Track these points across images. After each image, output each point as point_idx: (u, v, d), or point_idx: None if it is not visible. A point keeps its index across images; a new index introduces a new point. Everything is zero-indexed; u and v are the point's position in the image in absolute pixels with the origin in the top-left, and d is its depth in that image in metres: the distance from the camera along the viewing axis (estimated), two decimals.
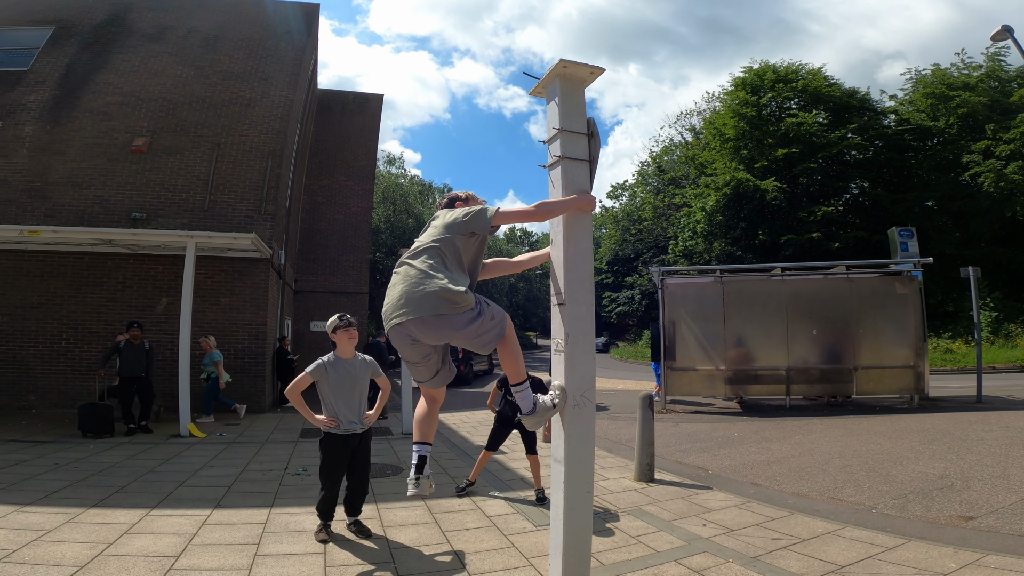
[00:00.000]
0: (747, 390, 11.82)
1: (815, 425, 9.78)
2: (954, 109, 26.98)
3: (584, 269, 2.80)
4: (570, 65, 2.89)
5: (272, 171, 12.67)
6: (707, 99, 42.64)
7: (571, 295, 2.74)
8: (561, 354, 2.78)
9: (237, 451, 7.86)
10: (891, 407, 11.26)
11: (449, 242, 2.74)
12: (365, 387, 4.48)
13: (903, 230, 13.68)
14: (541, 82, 3.09)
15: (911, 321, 11.23)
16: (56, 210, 11.73)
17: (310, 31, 15.70)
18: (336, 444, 4.32)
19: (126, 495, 5.50)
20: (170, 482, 6.03)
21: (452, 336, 2.69)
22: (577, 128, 2.93)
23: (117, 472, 6.43)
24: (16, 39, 13.91)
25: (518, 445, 8.54)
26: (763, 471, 6.86)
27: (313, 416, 4.27)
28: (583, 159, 2.89)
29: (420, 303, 2.59)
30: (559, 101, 2.93)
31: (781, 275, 11.91)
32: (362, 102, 21.84)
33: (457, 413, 12.42)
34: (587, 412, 2.78)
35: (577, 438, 2.77)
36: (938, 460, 6.98)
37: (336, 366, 4.31)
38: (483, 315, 2.64)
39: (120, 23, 14.27)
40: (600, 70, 2.96)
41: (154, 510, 5.01)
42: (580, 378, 2.74)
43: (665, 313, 11.86)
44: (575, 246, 2.79)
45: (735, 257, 29.14)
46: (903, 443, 8.09)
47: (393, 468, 7.00)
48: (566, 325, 2.75)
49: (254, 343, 11.64)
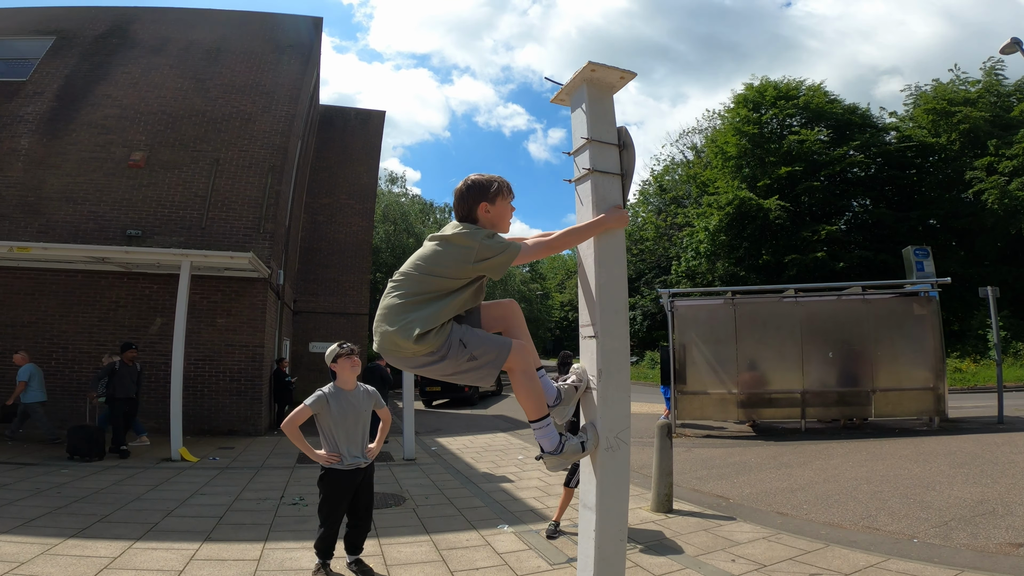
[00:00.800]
0: (760, 414, 11.55)
1: (835, 449, 9.46)
2: (956, 125, 26.81)
3: (619, 297, 2.48)
4: (598, 69, 2.60)
5: (272, 188, 12.42)
6: (708, 116, 42.73)
7: (605, 327, 2.42)
8: (593, 392, 2.46)
9: (230, 477, 7.50)
10: (910, 429, 10.97)
11: (433, 278, 2.26)
12: (368, 419, 4.15)
13: (918, 249, 13.42)
14: (565, 88, 2.80)
15: (930, 342, 11.01)
16: (49, 226, 11.45)
17: (313, 45, 15.57)
18: (339, 480, 3.98)
19: (109, 525, 5.14)
20: (157, 511, 5.66)
21: (424, 371, 2.32)
22: (607, 138, 2.63)
23: (101, 499, 6.07)
24: (17, 49, 13.79)
25: (525, 472, 8.23)
26: (787, 499, 6.51)
27: (313, 452, 3.93)
28: (615, 172, 2.60)
29: (380, 342, 2.28)
30: (587, 108, 2.64)
31: (795, 297, 11.72)
32: (364, 118, 21.74)
33: (460, 437, 12.04)
34: (621, 455, 2.46)
35: (610, 483, 2.44)
36: (972, 484, 6.66)
37: (338, 397, 3.98)
38: (449, 358, 2.24)
39: (122, 34, 14.15)
40: (631, 74, 2.68)
41: (138, 542, 4.66)
42: (615, 418, 2.41)
43: (675, 336, 11.59)
44: (608, 272, 2.47)
45: (739, 278, 28.86)
46: (932, 467, 7.77)
47: (395, 498, 6.61)
48: (599, 360, 2.42)
49: (251, 365, 11.28)
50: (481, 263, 2.25)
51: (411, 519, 5.74)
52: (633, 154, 2.61)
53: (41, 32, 13.98)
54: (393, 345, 2.24)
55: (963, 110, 26.45)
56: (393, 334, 2.22)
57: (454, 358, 2.23)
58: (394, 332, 2.22)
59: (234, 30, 14.69)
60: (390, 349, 2.26)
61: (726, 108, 33.54)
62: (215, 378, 11.14)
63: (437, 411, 19.19)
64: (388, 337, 2.23)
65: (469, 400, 20.75)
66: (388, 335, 2.23)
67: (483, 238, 2.27)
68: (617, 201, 2.58)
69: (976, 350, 22.73)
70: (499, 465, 8.87)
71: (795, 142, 28.79)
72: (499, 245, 2.28)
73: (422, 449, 10.14)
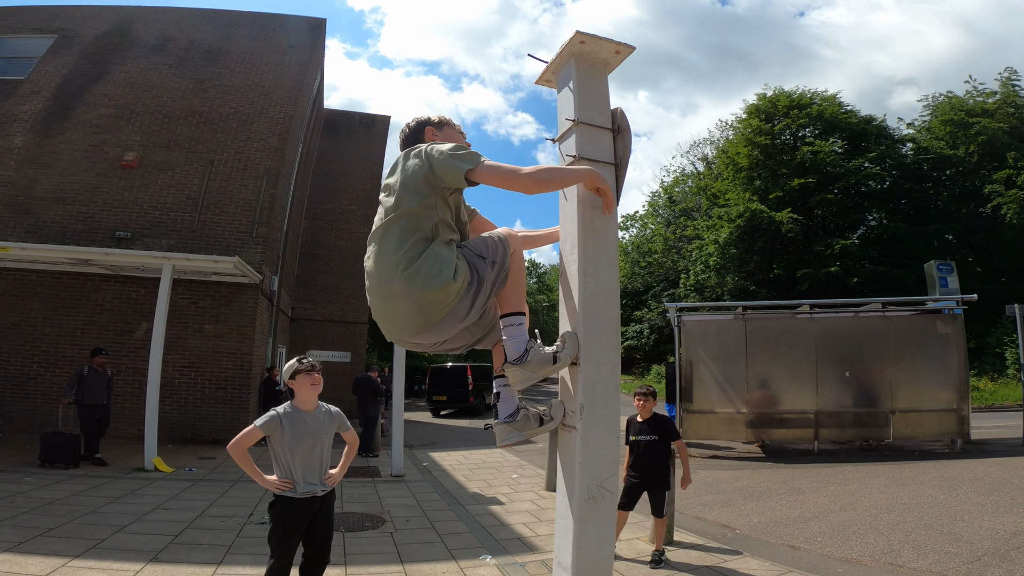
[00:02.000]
0: (771, 434, 11.02)
1: (851, 473, 8.88)
2: (974, 136, 26.14)
3: (607, 316, 2.01)
4: (588, 40, 2.16)
5: (267, 191, 12.08)
6: (720, 127, 42.22)
7: (588, 351, 1.96)
8: (572, 431, 1.99)
9: (201, 490, 7.07)
10: (931, 452, 10.43)
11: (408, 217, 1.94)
12: (328, 443, 3.67)
13: (941, 264, 12.87)
14: (550, 66, 2.36)
15: (954, 362, 10.50)
16: (38, 226, 11.15)
17: (315, 46, 15.30)
18: (291, 509, 3.50)
19: (49, 539, 4.74)
20: (109, 526, 5.24)
21: (456, 324, 1.95)
22: (598, 121, 2.18)
23: (54, 510, 5.67)
24: (17, 47, 13.65)
25: (517, 494, 7.72)
26: (800, 530, 5.98)
27: (262, 477, 3.47)
28: (607, 161, 2.14)
29: (401, 321, 1.90)
30: (574, 87, 2.20)
31: (810, 313, 11.21)
32: (368, 123, 21.47)
33: (454, 452, 11.56)
34: (606, 507, 1.99)
35: (591, 541, 1.98)
36: (1004, 514, 6.12)
37: (293, 418, 3.51)
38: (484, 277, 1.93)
39: (123, 33, 13.95)
40: (628, 48, 2.23)
41: (75, 560, 4.26)
42: (597, 463, 1.96)
43: (682, 352, 11.09)
44: (595, 283, 2.01)
45: (749, 292, 28.23)
46: (958, 494, 7.20)
47: (374, 519, 6.12)
48: (579, 392, 1.96)
49: (238, 373, 10.87)
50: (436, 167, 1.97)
51: (386, 545, 5.28)
52: (629, 139, 2.14)
53: (43, 30, 13.82)
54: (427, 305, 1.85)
55: (981, 121, 25.82)
56: (419, 294, 1.84)
57: (485, 273, 1.95)
58: (419, 291, 1.84)
59: (235, 30, 14.45)
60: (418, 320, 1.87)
61: (738, 118, 33.08)
62: (200, 385, 10.75)
63: (433, 423, 18.81)
64: (415, 301, 1.85)
65: (473, 410, 21.05)
66: (416, 296, 1.85)
67: (428, 147, 2.04)
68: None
69: (994, 368, 22.06)
70: (491, 484, 8.41)
71: (808, 153, 28.25)
72: (447, 145, 2.03)
73: (412, 464, 9.69)
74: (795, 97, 30.01)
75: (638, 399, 5.15)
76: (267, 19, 15.04)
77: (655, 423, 5.11)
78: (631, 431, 5.13)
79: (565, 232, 2.15)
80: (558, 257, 2.20)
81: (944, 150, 27.39)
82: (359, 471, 8.78)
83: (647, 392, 5.18)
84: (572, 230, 2.09)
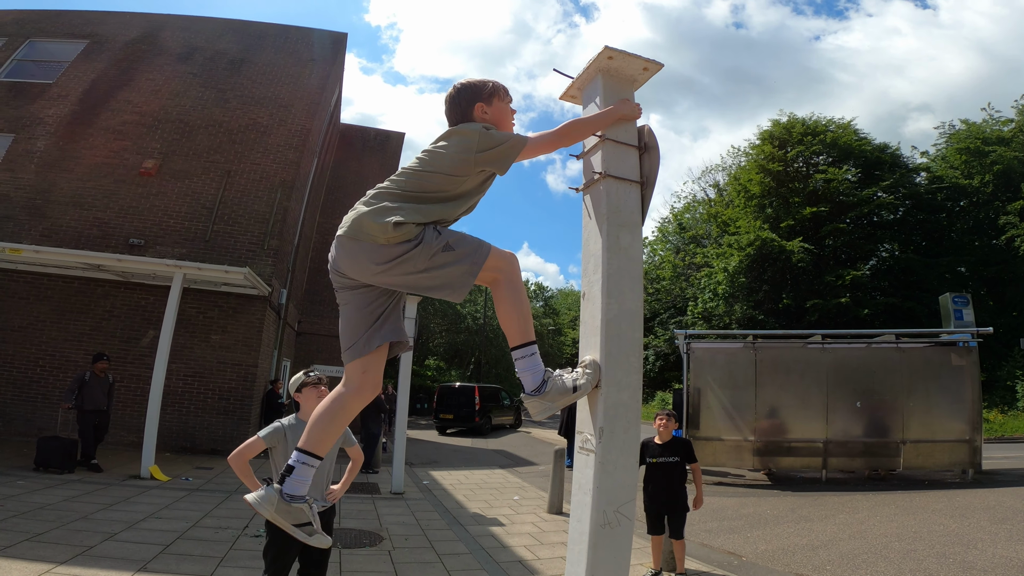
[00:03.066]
0: (778, 462, 10.91)
1: (860, 502, 8.69)
2: (989, 166, 25.78)
3: (630, 338, 1.94)
4: (616, 56, 2.13)
5: (280, 203, 12.13)
6: (733, 154, 42.25)
7: (610, 374, 1.88)
8: (590, 455, 1.91)
9: (197, 500, 6.94)
10: (941, 481, 10.24)
11: (431, 174, 1.94)
12: (332, 458, 3.57)
13: (957, 297, 12.75)
14: (576, 81, 2.33)
15: (968, 394, 10.37)
16: (53, 230, 11.24)
17: (335, 61, 15.49)
18: None
19: (36, 544, 4.63)
20: (99, 533, 5.12)
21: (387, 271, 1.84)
22: (625, 138, 2.13)
23: (44, 515, 5.56)
24: (49, 51, 13.92)
25: (518, 516, 7.54)
26: (808, 558, 5.81)
27: None
28: (633, 180, 2.09)
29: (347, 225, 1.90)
30: (601, 103, 2.16)
31: (822, 343, 11.15)
32: (383, 139, 21.65)
33: (456, 471, 11.39)
34: (622, 534, 1.90)
35: (606, 569, 1.88)
36: (1018, 542, 6.00)
37: (297, 431, 3.40)
38: (423, 244, 1.82)
39: (152, 40, 14.21)
40: (657, 65, 2.20)
41: (60, 567, 4.15)
42: (616, 488, 1.88)
43: (690, 379, 11.02)
44: (619, 305, 1.94)
45: (757, 321, 27.95)
46: (970, 523, 7.03)
47: (372, 536, 5.99)
48: (598, 416, 1.88)
49: (241, 384, 10.80)
50: (485, 153, 1.95)
51: (383, 563, 5.14)
52: (657, 157, 2.09)
53: (75, 35, 14.09)
54: (359, 229, 1.84)
55: (997, 150, 25.47)
56: (366, 215, 1.85)
57: (428, 245, 1.84)
58: (368, 213, 1.85)
59: (259, 41, 14.68)
60: (354, 234, 1.85)
61: (751, 144, 32.92)
62: (203, 395, 10.68)
63: (436, 441, 18.61)
64: (358, 221, 1.86)
65: (479, 430, 21.17)
66: (359, 218, 1.86)
67: (483, 128, 2.00)
68: (635, 216, 2.07)
69: (1004, 401, 21.85)
70: (492, 505, 8.25)
71: (821, 181, 28.07)
72: (502, 134, 2.02)
73: (412, 482, 9.54)
74: (809, 124, 29.88)
75: (661, 419, 5.14)
76: (291, 32, 15.27)
77: (675, 445, 5.10)
78: (648, 454, 5.07)
79: (588, 251, 2.09)
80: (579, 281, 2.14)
81: (959, 179, 27.06)
82: (358, 487, 8.65)
83: (670, 414, 5.19)
84: (596, 249, 2.03)
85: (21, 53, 13.67)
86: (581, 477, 1.96)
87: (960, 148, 27.40)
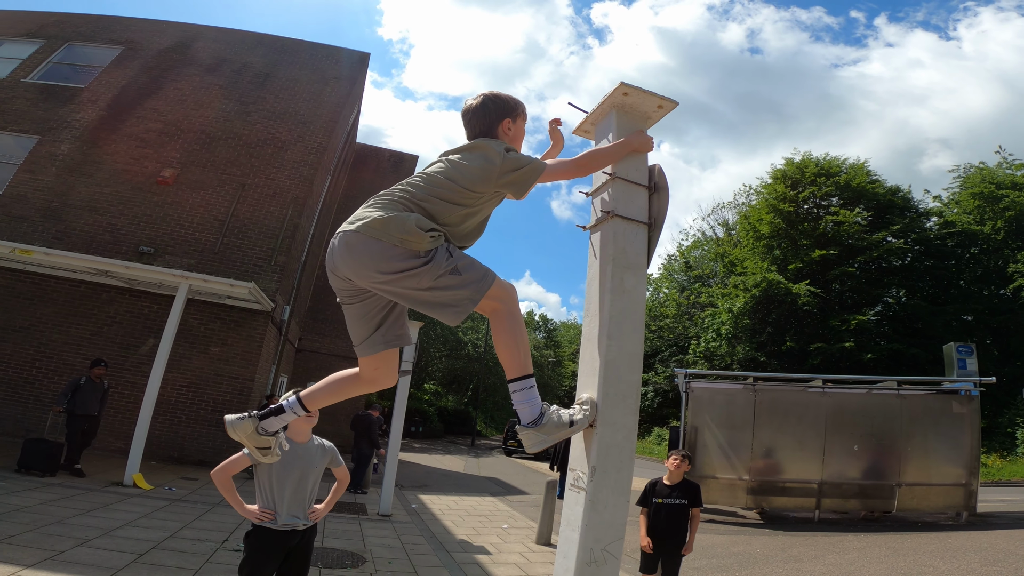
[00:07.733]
0: (771, 502, 10.82)
1: (851, 543, 8.56)
2: (1001, 212, 25.51)
3: (628, 380, 1.92)
4: (632, 92, 2.14)
5: (291, 220, 12.21)
6: (744, 192, 42.42)
7: (606, 415, 1.86)
8: (580, 492, 1.87)
9: (178, 510, 6.81)
10: (934, 523, 10.12)
11: (449, 183, 1.95)
12: (317, 477, 3.52)
13: (961, 346, 12.68)
14: (590, 116, 2.35)
15: (967, 441, 10.32)
16: (66, 233, 11.32)
17: (356, 80, 15.69)
18: (268, 540, 3.31)
19: (6, 546, 4.56)
20: (72, 538, 5.02)
21: (376, 281, 1.83)
22: (635, 177, 2.13)
23: (18, 518, 5.45)
24: (86, 55, 14.16)
25: (506, 544, 7.35)
26: None
27: (243, 506, 3.31)
28: (641, 220, 2.08)
29: (359, 225, 1.86)
30: (613, 140, 2.16)
31: (822, 387, 11.10)
32: (397, 161, 21.88)
33: (445, 496, 11.23)
34: (608, 572, 1.86)
35: None
36: None
37: (284, 449, 3.35)
38: (432, 263, 1.80)
39: (184, 49, 14.44)
40: (672, 103, 2.21)
41: (26, 570, 4.07)
42: (604, 527, 1.85)
43: (687, 418, 10.95)
44: (620, 347, 1.93)
45: (759, 363, 27.69)
46: (960, 564, 6.92)
47: (355, 558, 5.87)
48: (592, 455, 1.85)
49: (236, 398, 10.70)
50: (506, 176, 1.98)
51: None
52: (666, 198, 2.09)
53: (113, 41, 14.33)
54: (375, 227, 1.81)
55: (1010, 195, 25.22)
56: (383, 219, 1.82)
57: (436, 265, 1.83)
58: (385, 216, 1.83)
59: (285, 56, 14.90)
60: (365, 230, 1.82)
61: (763, 183, 32.96)
62: (196, 406, 10.59)
63: (427, 465, 18.32)
64: (373, 221, 1.83)
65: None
66: (376, 219, 1.83)
67: (506, 150, 2.02)
68: (640, 260, 2.05)
69: (1003, 446, 21.59)
70: (480, 532, 8.10)
71: (831, 224, 28.04)
72: (524, 157, 2.03)
73: (400, 505, 9.40)
74: (823, 164, 29.91)
75: (676, 460, 4.96)
76: (318, 49, 15.49)
77: (685, 488, 4.94)
78: (655, 495, 4.91)
79: (591, 291, 2.08)
80: (581, 313, 2.12)
81: (971, 225, 26.83)
82: (345, 507, 8.50)
83: (686, 455, 5.03)
84: (600, 290, 2.02)
85: (58, 56, 13.88)
86: (570, 513, 1.93)
87: (974, 192, 27.06)
